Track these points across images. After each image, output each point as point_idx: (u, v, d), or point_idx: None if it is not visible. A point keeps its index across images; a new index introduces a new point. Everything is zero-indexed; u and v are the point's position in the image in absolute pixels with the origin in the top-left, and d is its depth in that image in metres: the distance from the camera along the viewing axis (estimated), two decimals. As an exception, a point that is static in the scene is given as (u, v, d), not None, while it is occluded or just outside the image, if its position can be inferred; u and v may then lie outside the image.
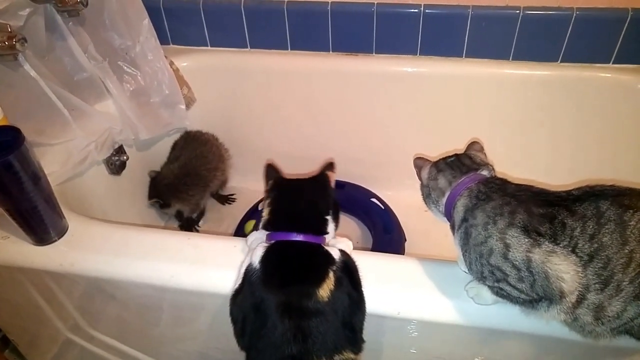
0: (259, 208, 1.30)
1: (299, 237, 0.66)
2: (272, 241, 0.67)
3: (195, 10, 1.26)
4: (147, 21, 1.11)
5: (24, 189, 0.70)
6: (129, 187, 1.19)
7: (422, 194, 0.73)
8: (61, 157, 0.95)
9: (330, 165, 0.76)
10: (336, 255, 0.66)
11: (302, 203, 0.71)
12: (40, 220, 0.75)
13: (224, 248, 0.76)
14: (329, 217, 0.69)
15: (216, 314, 0.76)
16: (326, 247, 0.67)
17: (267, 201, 0.72)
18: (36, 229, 0.76)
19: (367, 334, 0.65)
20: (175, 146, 1.29)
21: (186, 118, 1.22)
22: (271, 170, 0.77)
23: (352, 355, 0.61)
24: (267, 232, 0.69)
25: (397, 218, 1.24)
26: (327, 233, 0.68)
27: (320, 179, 0.74)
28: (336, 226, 0.71)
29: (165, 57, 1.16)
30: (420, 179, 0.74)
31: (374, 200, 1.28)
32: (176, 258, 0.75)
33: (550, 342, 0.68)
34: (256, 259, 0.65)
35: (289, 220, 0.69)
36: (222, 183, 1.37)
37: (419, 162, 0.74)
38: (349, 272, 0.66)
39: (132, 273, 0.75)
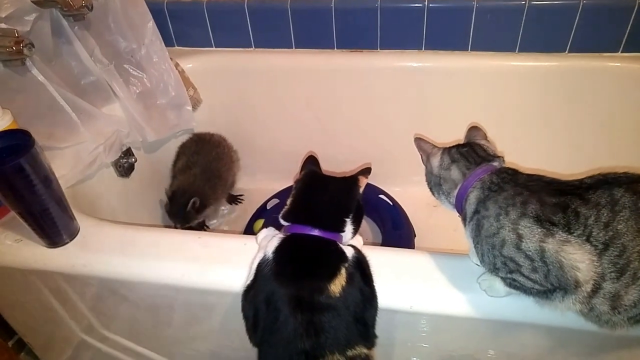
0: (267, 207, 1.30)
1: (315, 232, 0.66)
2: (288, 233, 0.67)
3: (199, 11, 1.26)
4: (151, 24, 1.12)
5: (35, 191, 0.71)
6: (138, 189, 1.20)
7: (429, 182, 0.72)
8: (70, 160, 0.96)
9: (365, 170, 0.76)
10: (349, 252, 0.66)
11: (325, 200, 0.71)
12: (52, 222, 0.76)
13: (234, 246, 0.76)
14: (348, 220, 0.69)
15: (228, 312, 0.76)
16: (341, 245, 0.67)
17: (293, 192, 0.72)
18: (48, 231, 0.77)
19: (379, 329, 0.65)
20: (184, 150, 1.28)
21: (193, 119, 1.22)
22: (308, 162, 0.77)
23: (365, 350, 0.61)
24: (286, 224, 0.69)
25: (406, 214, 1.24)
26: (343, 231, 0.68)
27: (349, 181, 0.73)
28: (355, 231, 0.70)
29: (171, 58, 1.17)
30: (426, 165, 0.73)
31: (382, 196, 1.27)
32: (187, 257, 0.75)
33: (565, 333, 0.67)
34: (270, 249, 0.65)
35: (308, 214, 0.68)
36: (232, 183, 1.37)
37: (425, 147, 0.73)
38: (360, 268, 0.66)
39: (143, 273, 0.75)
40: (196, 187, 1.19)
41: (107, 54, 1.05)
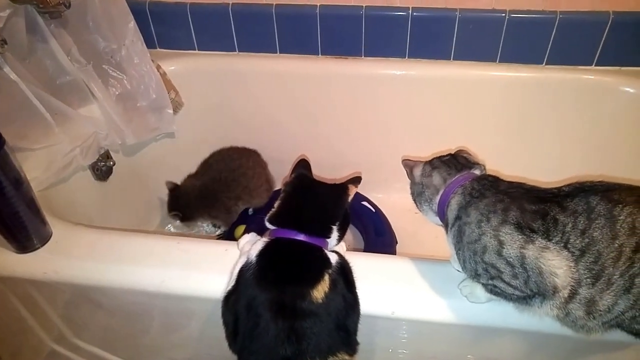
0: (249, 213, 1.29)
1: (301, 237, 0.66)
2: (274, 237, 0.67)
3: (182, 13, 1.25)
4: (132, 24, 1.09)
5: (4, 193, 0.69)
6: (116, 193, 1.17)
7: (413, 193, 0.73)
8: (44, 162, 0.93)
9: (355, 179, 0.76)
10: (333, 259, 0.66)
11: (313, 205, 0.70)
12: (22, 226, 0.73)
13: (215, 252, 0.75)
14: (335, 227, 0.69)
15: (207, 319, 0.75)
16: (325, 251, 0.66)
17: (281, 195, 0.72)
18: (18, 236, 0.74)
19: (361, 335, 0.65)
20: (215, 155, 1.27)
21: (173, 122, 1.20)
22: (300, 166, 0.77)
23: (346, 357, 0.61)
24: (272, 228, 0.68)
25: (388, 221, 1.24)
26: (329, 238, 0.68)
27: (339, 189, 0.73)
28: (340, 238, 0.70)
29: (152, 60, 1.15)
30: (410, 177, 0.74)
31: (364, 203, 1.28)
32: (166, 263, 0.74)
33: (542, 338, 0.69)
34: (254, 252, 0.64)
35: (295, 219, 0.68)
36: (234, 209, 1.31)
37: (409, 162, 0.75)
38: (343, 274, 0.65)
39: (120, 279, 0.73)
40: (188, 198, 1.20)
41: (85, 54, 1.02)
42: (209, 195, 1.21)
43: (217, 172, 1.23)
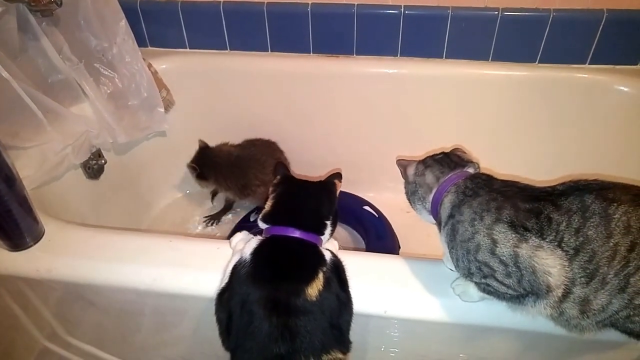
0: (251, 219, 1.29)
1: (296, 234, 0.66)
2: (268, 235, 0.67)
3: (174, 11, 1.24)
4: (124, 22, 1.09)
5: (-4, 192, 0.68)
6: (108, 192, 1.16)
7: (407, 192, 0.73)
8: (36, 160, 0.93)
9: (336, 175, 0.77)
10: (327, 256, 0.66)
11: (306, 202, 0.72)
12: (14, 224, 0.73)
13: (207, 250, 0.75)
14: (328, 222, 0.70)
15: (200, 318, 0.75)
16: (320, 248, 0.67)
17: (272, 195, 0.72)
18: (10, 234, 0.74)
19: (353, 333, 0.65)
20: (261, 143, 1.30)
21: (165, 121, 1.20)
22: (280, 168, 0.79)
23: (340, 355, 0.61)
24: (266, 226, 0.69)
25: (390, 226, 1.21)
26: (323, 234, 0.69)
27: (327, 185, 0.75)
28: (330, 234, 0.71)
29: (144, 59, 1.14)
30: (404, 177, 0.74)
31: (366, 208, 1.26)
32: (158, 261, 0.73)
33: (535, 337, 0.69)
34: (248, 250, 0.64)
35: (290, 216, 0.69)
36: (240, 193, 1.30)
37: (403, 162, 0.75)
38: (337, 272, 0.66)
39: (113, 277, 0.73)
40: (214, 160, 1.22)
41: (76, 52, 1.02)
42: (240, 167, 1.22)
43: (260, 153, 1.25)
